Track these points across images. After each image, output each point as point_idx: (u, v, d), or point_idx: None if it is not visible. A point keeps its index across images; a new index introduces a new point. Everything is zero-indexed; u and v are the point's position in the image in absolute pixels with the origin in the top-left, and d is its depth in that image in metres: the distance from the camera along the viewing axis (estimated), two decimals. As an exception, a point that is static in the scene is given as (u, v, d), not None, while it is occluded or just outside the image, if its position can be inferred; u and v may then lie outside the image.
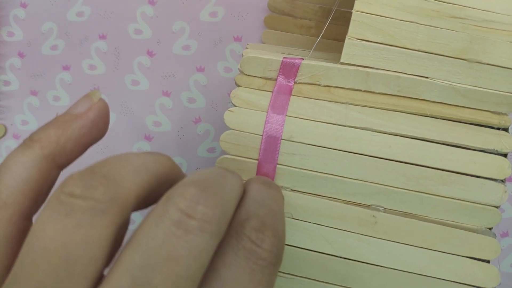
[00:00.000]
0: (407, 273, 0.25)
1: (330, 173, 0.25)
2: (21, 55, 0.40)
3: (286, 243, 0.25)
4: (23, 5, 0.40)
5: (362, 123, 0.25)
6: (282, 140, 0.25)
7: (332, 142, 0.25)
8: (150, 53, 0.40)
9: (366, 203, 0.25)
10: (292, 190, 0.26)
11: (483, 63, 0.24)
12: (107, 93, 0.40)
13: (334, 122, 0.25)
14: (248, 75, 0.26)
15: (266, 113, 0.26)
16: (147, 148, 0.39)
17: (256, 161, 0.26)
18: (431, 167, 0.25)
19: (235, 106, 0.26)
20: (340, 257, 0.25)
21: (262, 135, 0.26)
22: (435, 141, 0.25)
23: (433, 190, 0.25)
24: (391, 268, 0.25)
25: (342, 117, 0.25)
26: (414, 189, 0.25)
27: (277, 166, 0.26)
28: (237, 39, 0.40)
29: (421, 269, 0.25)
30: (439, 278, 0.25)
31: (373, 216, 0.25)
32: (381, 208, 0.25)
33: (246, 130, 0.26)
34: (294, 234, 0.25)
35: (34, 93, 0.40)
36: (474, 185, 0.25)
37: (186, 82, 0.39)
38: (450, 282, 0.25)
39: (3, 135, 0.40)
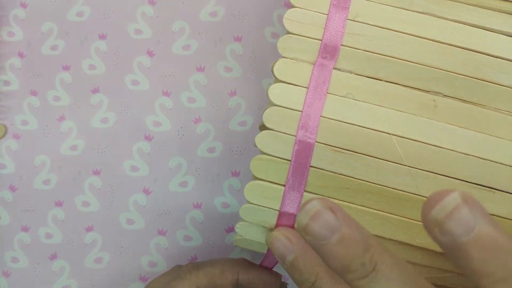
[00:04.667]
0: (466, 155, 0.25)
1: (393, 56, 0.26)
2: (21, 55, 0.40)
3: (347, 121, 0.26)
4: (23, 5, 0.40)
5: (425, 8, 0.26)
6: (347, 20, 0.26)
7: (397, 25, 0.26)
8: (150, 53, 0.40)
9: (426, 89, 0.26)
10: (354, 73, 0.26)
11: None
12: (107, 93, 0.40)
13: (398, 6, 0.26)
14: None
15: None
16: (147, 148, 0.39)
17: (320, 41, 0.26)
18: (491, 55, 0.26)
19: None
20: (401, 137, 0.25)
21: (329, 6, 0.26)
22: (495, 30, 0.26)
23: (492, 78, 0.25)
24: (450, 150, 0.25)
25: (406, 2, 0.26)
26: (473, 76, 0.25)
27: (341, 47, 0.26)
28: (237, 39, 0.40)
29: (479, 152, 0.25)
30: (496, 162, 0.25)
31: (433, 100, 0.25)
32: (440, 95, 0.26)
33: (310, 8, 0.26)
34: (355, 113, 0.26)
35: (34, 93, 0.40)
36: None
37: (186, 82, 0.39)
38: (507, 166, 0.25)
39: (3, 135, 0.40)
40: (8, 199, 0.39)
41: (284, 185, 0.26)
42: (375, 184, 0.25)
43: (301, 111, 0.26)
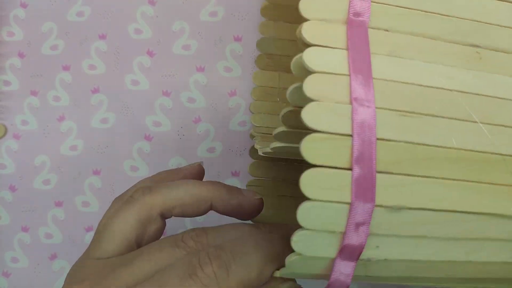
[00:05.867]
0: None
1: (430, 11, 0.24)
2: (21, 55, 0.40)
3: (402, 80, 0.23)
4: (23, 5, 0.40)
5: None
6: None
7: None
8: (150, 53, 0.40)
9: (464, 43, 0.24)
10: (390, 31, 0.24)
11: None
12: (107, 93, 0.40)
13: None
14: None
15: None
16: (147, 148, 0.39)
17: None
18: None
19: None
20: (461, 92, 0.23)
21: None
22: None
23: None
24: (502, 99, 0.23)
25: None
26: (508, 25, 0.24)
27: (372, 3, 0.23)
28: (237, 39, 0.40)
29: None
30: None
31: (477, 52, 0.24)
32: (479, 48, 0.24)
33: None
34: (407, 71, 0.23)
35: (34, 93, 0.40)
36: None
37: (186, 82, 0.40)
38: None
39: (3, 135, 0.40)
40: (8, 199, 0.39)
41: (350, 169, 0.20)
42: (453, 148, 0.22)
43: (349, 75, 0.21)
